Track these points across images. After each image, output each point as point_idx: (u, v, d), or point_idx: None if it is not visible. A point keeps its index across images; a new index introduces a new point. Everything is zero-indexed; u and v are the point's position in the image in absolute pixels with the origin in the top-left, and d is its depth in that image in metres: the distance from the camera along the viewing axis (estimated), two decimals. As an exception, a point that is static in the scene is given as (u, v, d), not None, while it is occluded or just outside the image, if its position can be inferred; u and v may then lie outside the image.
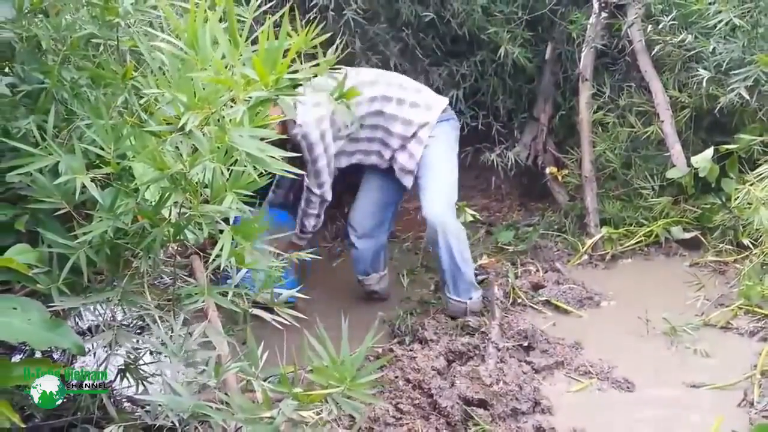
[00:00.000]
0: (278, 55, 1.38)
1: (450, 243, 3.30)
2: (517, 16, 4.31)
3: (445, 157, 3.42)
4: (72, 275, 1.71)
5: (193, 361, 1.73)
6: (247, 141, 1.44)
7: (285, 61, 1.39)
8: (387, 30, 4.19)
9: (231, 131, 1.42)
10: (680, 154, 3.95)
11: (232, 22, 1.43)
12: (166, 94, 1.42)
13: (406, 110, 3.32)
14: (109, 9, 1.75)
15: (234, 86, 1.38)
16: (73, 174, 1.59)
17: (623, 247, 4.12)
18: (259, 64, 1.36)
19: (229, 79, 1.38)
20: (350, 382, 1.54)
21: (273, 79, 1.38)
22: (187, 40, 1.42)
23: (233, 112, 1.39)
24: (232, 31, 1.43)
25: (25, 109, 1.78)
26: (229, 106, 1.41)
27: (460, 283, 3.41)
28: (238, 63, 1.40)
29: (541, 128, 4.67)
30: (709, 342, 3.19)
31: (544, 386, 2.95)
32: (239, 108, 1.37)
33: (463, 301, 3.43)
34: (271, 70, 1.37)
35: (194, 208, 1.61)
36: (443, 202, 3.34)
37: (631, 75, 4.41)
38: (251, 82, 1.39)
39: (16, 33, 1.77)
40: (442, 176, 3.38)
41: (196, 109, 1.39)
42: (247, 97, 1.39)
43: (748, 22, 3.63)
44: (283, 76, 1.39)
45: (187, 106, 1.40)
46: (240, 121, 1.41)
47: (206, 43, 1.42)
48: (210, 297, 1.78)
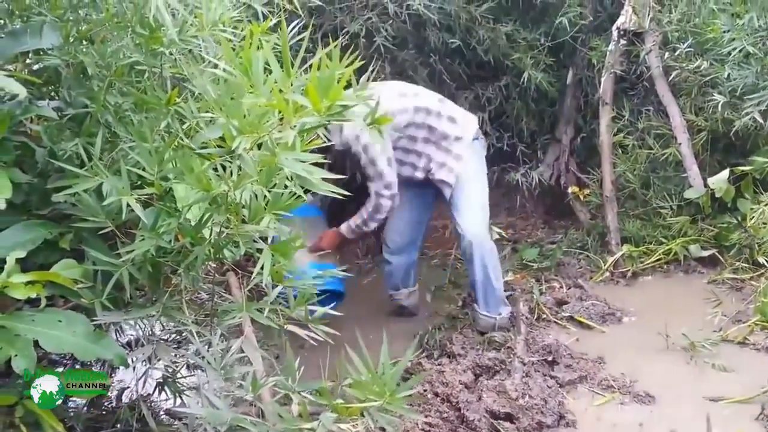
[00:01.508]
0: (331, 83, 1.36)
1: (485, 260, 3.26)
2: (539, 43, 4.29)
3: (478, 177, 3.37)
4: (114, 291, 1.69)
5: (231, 376, 1.69)
6: (295, 163, 1.42)
7: (338, 88, 1.37)
8: (416, 56, 4.18)
9: (281, 154, 1.40)
10: (697, 175, 3.97)
11: (285, 51, 1.41)
12: (220, 119, 1.40)
13: (445, 124, 3.25)
14: (154, 38, 1.73)
15: (286, 112, 1.37)
16: (119, 195, 1.57)
17: (643, 264, 4.07)
18: (313, 91, 1.34)
19: (283, 105, 1.37)
20: (389, 396, 1.50)
21: (325, 106, 1.36)
22: (241, 67, 1.42)
23: (285, 137, 1.37)
24: (285, 60, 1.40)
25: (71, 132, 1.77)
26: (276, 130, 1.39)
27: (490, 299, 3.35)
28: (290, 90, 1.38)
29: (563, 149, 4.66)
30: (727, 357, 3.11)
31: (569, 400, 2.88)
32: (291, 133, 1.36)
33: (492, 317, 3.36)
34: (323, 97, 1.35)
35: (234, 227, 1.58)
36: (480, 220, 3.29)
37: (650, 99, 4.38)
38: (301, 108, 1.37)
39: (63, 59, 1.77)
40: (477, 194, 3.32)
41: (247, 133, 1.37)
42: (296, 123, 1.37)
43: (761, 50, 3.60)
44: (336, 103, 1.37)
45: (239, 129, 1.38)
46: (292, 145, 1.39)
47: (259, 69, 1.41)
48: (247, 313, 1.74)
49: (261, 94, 1.39)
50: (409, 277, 3.68)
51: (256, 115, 1.39)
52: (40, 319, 1.56)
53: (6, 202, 1.52)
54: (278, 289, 1.85)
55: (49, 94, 1.87)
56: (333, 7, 3.85)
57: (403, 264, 3.60)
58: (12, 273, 1.49)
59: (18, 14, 1.82)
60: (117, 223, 1.67)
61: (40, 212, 1.74)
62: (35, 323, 1.55)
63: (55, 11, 1.76)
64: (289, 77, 1.39)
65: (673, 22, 4.08)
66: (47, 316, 1.58)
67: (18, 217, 1.69)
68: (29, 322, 1.55)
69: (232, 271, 1.96)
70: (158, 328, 2.17)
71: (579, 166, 4.71)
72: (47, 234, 1.68)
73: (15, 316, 1.55)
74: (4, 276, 1.47)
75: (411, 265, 3.65)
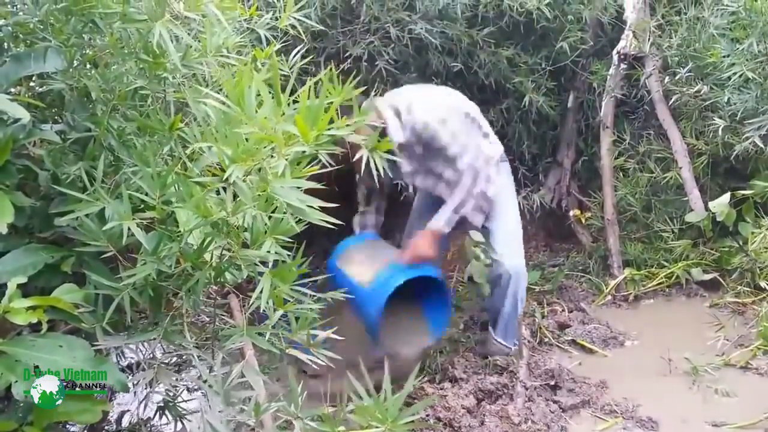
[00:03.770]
0: (319, 113, 1.37)
1: (518, 293, 3.21)
2: (540, 67, 4.30)
3: (512, 203, 3.28)
4: (115, 314, 1.68)
5: (232, 400, 1.68)
6: (287, 192, 1.42)
7: (325, 118, 1.38)
8: (417, 79, 4.18)
9: (272, 182, 1.40)
10: (698, 198, 3.99)
11: (276, 83, 1.42)
12: (213, 148, 1.41)
13: (482, 139, 3.11)
14: (158, 64, 1.74)
15: (276, 142, 1.38)
16: (120, 219, 1.57)
17: (645, 287, 4.07)
18: (301, 121, 1.35)
19: (273, 135, 1.37)
20: (392, 423, 1.48)
21: (314, 135, 1.37)
22: (234, 98, 1.42)
23: (275, 166, 1.38)
24: (276, 91, 1.42)
25: (74, 156, 1.77)
26: (270, 158, 1.40)
27: (510, 330, 3.30)
28: (281, 120, 1.39)
29: (564, 172, 4.68)
30: (730, 382, 3.10)
31: (571, 425, 2.86)
32: (281, 162, 1.37)
33: (508, 347, 3.31)
34: (311, 126, 1.36)
35: (235, 251, 1.58)
36: (519, 250, 3.24)
37: (650, 123, 4.41)
38: (292, 137, 1.38)
39: (66, 83, 1.77)
40: (512, 221, 3.24)
41: (240, 162, 1.38)
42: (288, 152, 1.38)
43: (761, 75, 3.61)
44: (324, 133, 1.38)
45: (231, 159, 1.39)
46: (282, 174, 1.39)
47: (252, 101, 1.41)
48: (248, 337, 1.73)
49: (254, 124, 1.40)
50: None
51: (251, 144, 1.40)
52: (40, 345, 1.54)
53: (8, 225, 1.51)
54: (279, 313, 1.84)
55: (52, 117, 1.87)
56: (335, 31, 3.87)
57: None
58: (13, 298, 1.48)
59: (22, 38, 1.83)
60: (118, 247, 1.66)
61: (42, 235, 1.73)
62: (36, 348, 1.53)
63: (59, 36, 1.76)
64: (280, 107, 1.40)
65: (674, 46, 4.11)
66: (48, 341, 1.56)
67: (20, 241, 1.69)
68: (30, 347, 1.53)
69: (233, 294, 1.95)
70: (159, 351, 2.15)
71: (580, 189, 4.72)
72: (48, 258, 1.67)
73: (15, 342, 1.53)
74: (6, 301, 1.46)
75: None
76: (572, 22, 4.21)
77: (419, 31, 3.80)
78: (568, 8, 4.21)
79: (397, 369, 1.98)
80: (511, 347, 3.32)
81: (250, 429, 1.68)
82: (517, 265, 3.18)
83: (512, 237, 3.23)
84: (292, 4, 2.05)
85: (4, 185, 1.61)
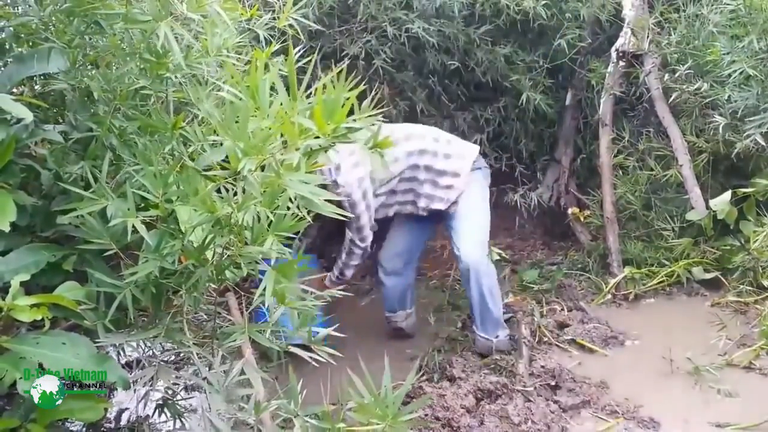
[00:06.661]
0: (337, 106, 1.40)
1: (481, 282, 3.29)
2: (538, 65, 4.35)
3: (478, 206, 3.41)
4: (116, 312, 1.72)
5: (231, 398, 1.72)
6: (300, 185, 1.46)
7: (343, 111, 1.41)
8: (414, 77, 4.23)
9: (285, 175, 1.44)
10: (699, 196, 3.98)
11: (291, 75, 1.45)
12: (226, 141, 1.44)
13: (441, 161, 3.30)
14: (160, 64, 1.78)
15: (291, 134, 1.41)
16: (124, 217, 1.61)
17: (646, 286, 4.08)
18: (319, 114, 1.39)
19: (288, 128, 1.41)
20: (392, 420, 1.52)
21: (330, 129, 1.40)
22: (248, 91, 1.45)
23: (289, 158, 1.41)
24: (292, 84, 1.45)
25: (76, 156, 1.81)
26: (281, 152, 1.43)
27: (487, 321, 3.38)
28: (295, 113, 1.42)
29: (562, 170, 4.71)
30: (732, 382, 3.12)
31: (572, 426, 2.88)
32: (295, 155, 1.40)
33: (490, 339, 3.40)
34: (328, 120, 1.39)
35: (236, 249, 1.62)
36: (476, 242, 3.33)
37: (650, 121, 4.42)
38: (305, 131, 1.41)
39: (69, 84, 1.81)
40: (475, 220, 3.37)
41: (252, 155, 1.41)
42: (300, 145, 1.41)
43: (761, 72, 3.64)
44: (341, 126, 1.42)
45: (244, 151, 1.42)
46: (296, 167, 1.43)
47: (266, 94, 1.45)
48: (248, 335, 1.77)
49: (266, 117, 1.43)
50: (406, 299, 3.70)
51: (261, 138, 1.43)
52: (44, 342, 1.58)
53: (10, 224, 1.55)
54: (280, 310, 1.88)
55: (55, 117, 1.91)
56: (333, 30, 3.91)
57: (399, 285, 3.63)
58: (17, 296, 1.51)
59: (25, 39, 1.87)
60: (121, 245, 1.70)
61: (44, 234, 1.77)
62: (39, 346, 1.57)
63: (62, 37, 1.80)
64: (295, 101, 1.43)
65: (672, 44, 4.15)
66: (51, 339, 1.60)
67: (22, 239, 1.73)
68: (34, 344, 1.57)
69: (231, 291, 1.99)
70: (158, 348, 2.19)
71: (579, 187, 4.75)
72: (50, 257, 1.72)
73: (20, 339, 1.57)
74: (9, 299, 1.50)
75: (407, 287, 3.68)
76: (570, 19, 4.25)
77: (416, 30, 3.85)
78: (566, 6, 4.25)
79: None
80: (492, 339, 3.39)
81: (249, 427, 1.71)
82: (470, 253, 3.29)
83: (474, 232, 3.35)
84: (291, 4, 2.10)
85: (7, 184, 1.66)
